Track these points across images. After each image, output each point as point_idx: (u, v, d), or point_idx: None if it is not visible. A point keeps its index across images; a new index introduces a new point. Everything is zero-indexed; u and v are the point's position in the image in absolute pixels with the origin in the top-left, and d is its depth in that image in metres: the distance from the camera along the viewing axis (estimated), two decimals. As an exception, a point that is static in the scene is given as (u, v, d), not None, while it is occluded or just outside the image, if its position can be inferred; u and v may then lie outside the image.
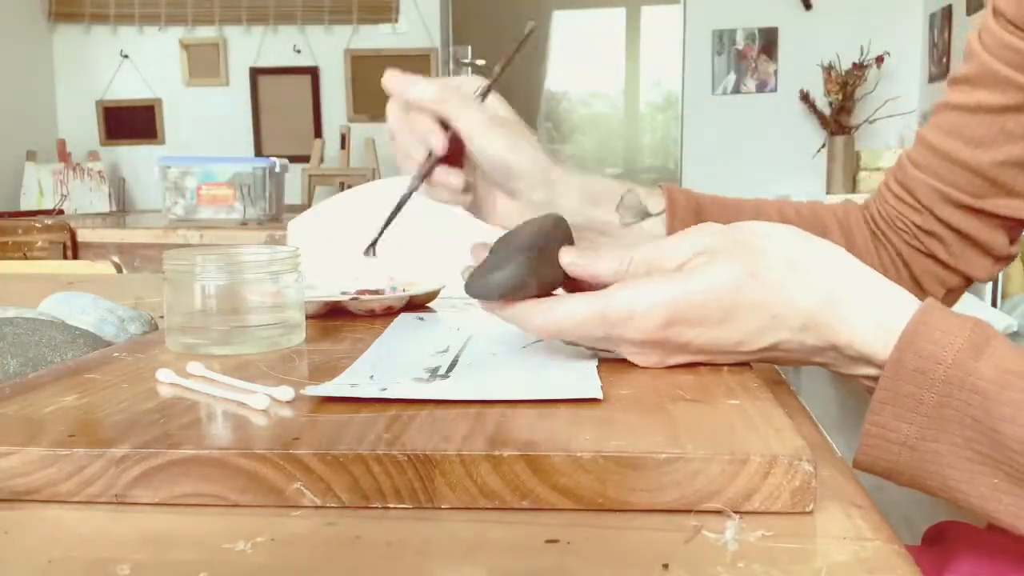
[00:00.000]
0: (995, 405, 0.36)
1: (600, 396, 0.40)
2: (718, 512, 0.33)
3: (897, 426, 0.38)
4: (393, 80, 0.58)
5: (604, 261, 0.47)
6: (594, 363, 0.47)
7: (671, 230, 0.63)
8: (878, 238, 0.69)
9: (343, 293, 0.69)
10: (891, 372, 0.39)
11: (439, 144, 0.56)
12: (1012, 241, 0.67)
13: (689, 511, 0.33)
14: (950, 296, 0.70)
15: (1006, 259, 0.68)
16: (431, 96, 0.57)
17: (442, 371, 0.47)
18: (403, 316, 0.65)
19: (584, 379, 0.43)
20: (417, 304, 0.70)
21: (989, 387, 0.37)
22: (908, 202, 0.67)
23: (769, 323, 0.43)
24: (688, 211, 0.65)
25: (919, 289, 0.68)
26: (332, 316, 0.66)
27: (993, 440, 0.36)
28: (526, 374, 0.46)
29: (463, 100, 0.58)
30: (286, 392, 0.42)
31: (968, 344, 0.38)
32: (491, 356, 0.50)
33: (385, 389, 0.42)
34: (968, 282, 0.69)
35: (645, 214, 0.63)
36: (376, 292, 0.70)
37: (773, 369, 0.57)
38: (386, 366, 0.48)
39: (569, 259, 0.47)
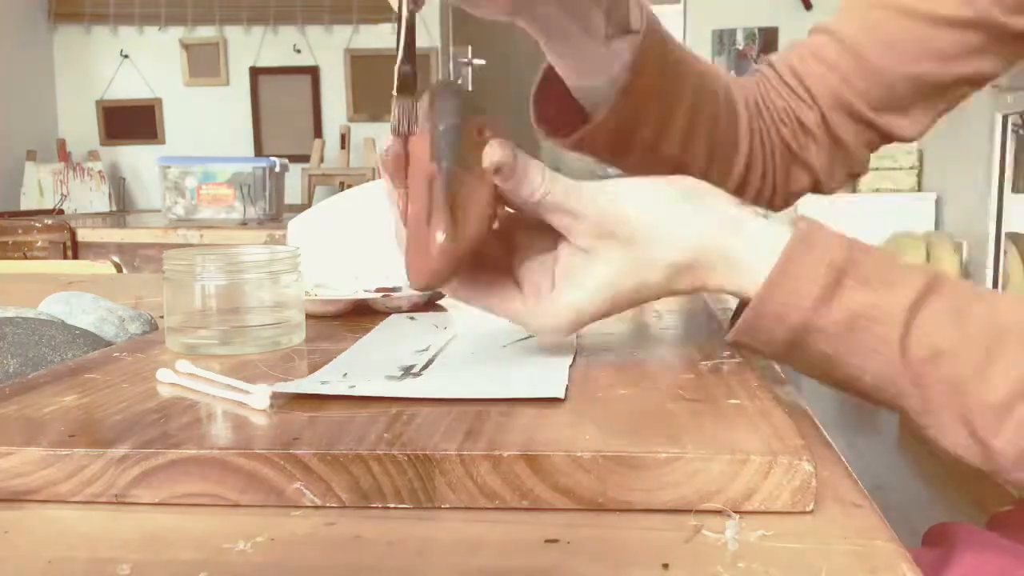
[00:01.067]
0: (844, 348, 0.41)
1: (561, 395, 0.40)
2: (718, 512, 0.33)
3: (758, 348, 0.44)
4: None
5: (528, 183, 0.43)
6: (567, 361, 0.47)
7: (633, 74, 0.54)
8: (761, 121, 0.66)
9: (365, 291, 0.69)
10: (750, 314, 0.42)
11: None
12: (866, 159, 0.67)
13: (689, 511, 0.33)
14: (793, 198, 0.69)
15: (858, 176, 0.69)
16: None
17: (416, 369, 0.47)
18: (394, 316, 0.65)
19: (550, 378, 0.43)
20: (437, 300, 0.70)
21: (838, 330, 0.41)
22: (802, 97, 0.64)
23: (639, 285, 0.44)
24: (653, 68, 0.56)
25: (773, 183, 0.67)
26: (348, 315, 0.67)
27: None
28: (497, 372, 0.46)
29: None
30: (261, 396, 0.41)
31: (822, 292, 0.41)
32: (469, 355, 0.50)
33: (354, 387, 0.42)
34: (815, 189, 0.68)
35: (627, 30, 0.55)
36: (394, 289, 0.70)
37: (773, 369, 0.58)
38: (362, 364, 0.48)
39: (500, 176, 0.43)
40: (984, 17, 0.58)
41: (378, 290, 0.69)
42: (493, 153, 0.42)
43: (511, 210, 0.46)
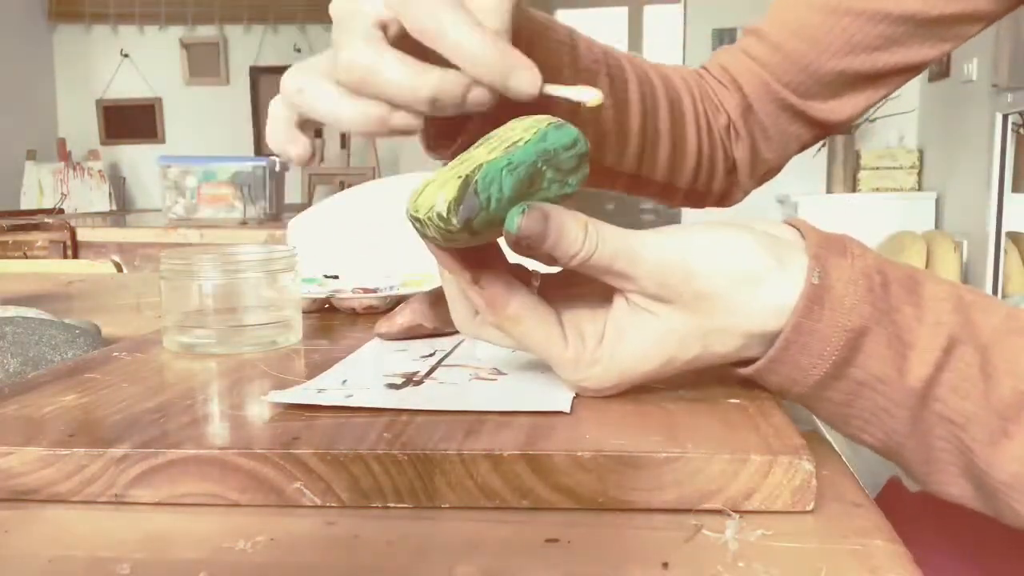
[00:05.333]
0: (849, 412, 0.39)
1: (567, 409, 0.39)
2: (718, 511, 0.33)
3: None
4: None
5: (565, 246, 0.36)
6: None
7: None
8: (703, 116, 0.65)
9: (336, 292, 0.69)
10: (753, 373, 0.39)
11: None
12: (790, 155, 0.67)
13: (689, 510, 0.33)
14: (711, 199, 0.69)
15: (770, 176, 0.69)
16: None
17: (419, 376, 0.46)
18: None
19: (556, 390, 0.42)
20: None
21: (844, 398, 0.38)
22: (727, 86, 0.65)
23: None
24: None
25: (711, 173, 0.66)
26: (352, 314, 0.67)
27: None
28: (501, 382, 0.45)
29: None
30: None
31: (832, 367, 0.37)
32: (474, 360, 0.49)
33: (351, 396, 0.41)
34: (729, 188, 0.68)
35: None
36: (374, 290, 0.70)
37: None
38: (362, 370, 0.47)
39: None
40: (905, 8, 0.59)
41: (358, 290, 0.69)
42: (512, 222, 0.35)
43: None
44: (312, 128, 0.42)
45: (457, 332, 0.48)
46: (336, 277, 0.73)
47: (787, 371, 0.38)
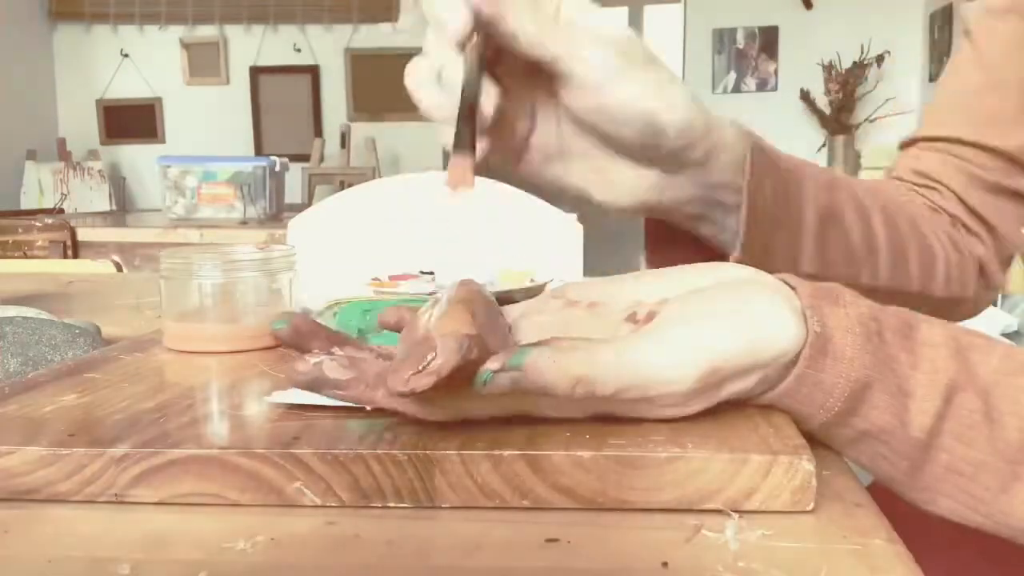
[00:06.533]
0: (850, 454, 0.39)
1: None
2: (718, 511, 0.33)
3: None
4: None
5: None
6: None
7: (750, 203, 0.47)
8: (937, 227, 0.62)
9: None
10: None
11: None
12: (1019, 242, 0.64)
13: (689, 510, 0.33)
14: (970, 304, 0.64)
15: (1012, 260, 0.65)
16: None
17: None
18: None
19: None
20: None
21: (844, 444, 0.38)
22: (938, 189, 0.62)
23: None
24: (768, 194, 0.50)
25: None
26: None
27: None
28: None
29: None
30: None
31: (834, 416, 0.37)
32: None
33: None
34: (986, 289, 0.64)
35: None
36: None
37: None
38: None
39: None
40: None
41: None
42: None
43: None
44: None
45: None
46: (431, 273, 0.72)
47: (792, 409, 0.38)
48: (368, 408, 0.38)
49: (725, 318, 0.35)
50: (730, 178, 0.46)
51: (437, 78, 0.41)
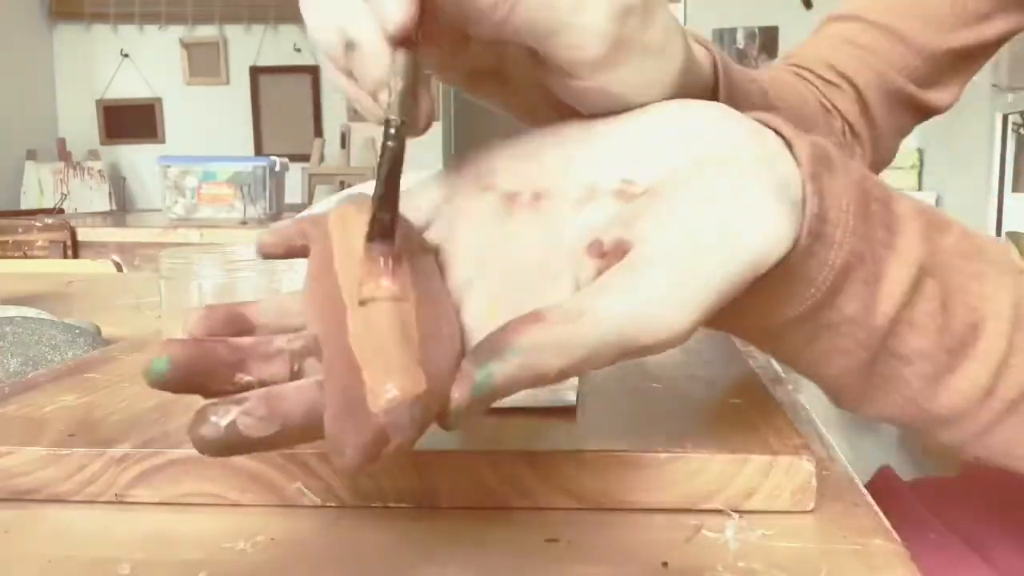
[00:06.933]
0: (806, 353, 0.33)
1: (574, 402, 0.39)
2: (718, 511, 0.33)
3: None
4: None
5: None
6: None
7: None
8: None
9: None
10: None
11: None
12: (896, 149, 0.64)
13: (689, 510, 0.33)
14: None
15: (883, 168, 0.64)
16: None
17: None
18: None
19: (562, 385, 0.41)
20: None
21: (804, 340, 0.32)
22: (837, 85, 0.60)
23: None
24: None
25: None
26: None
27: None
28: None
29: None
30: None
31: (808, 309, 0.31)
32: None
33: None
34: None
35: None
36: None
37: (773, 368, 0.57)
38: None
39: None
40: None
41: None
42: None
43: None
44: None
45: None
46: None
47: (752, 313, 0.32)
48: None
49: (720, 246, 0.28)
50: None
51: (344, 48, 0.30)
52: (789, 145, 0.31)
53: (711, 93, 0.42)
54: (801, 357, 0.33)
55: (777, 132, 0.31)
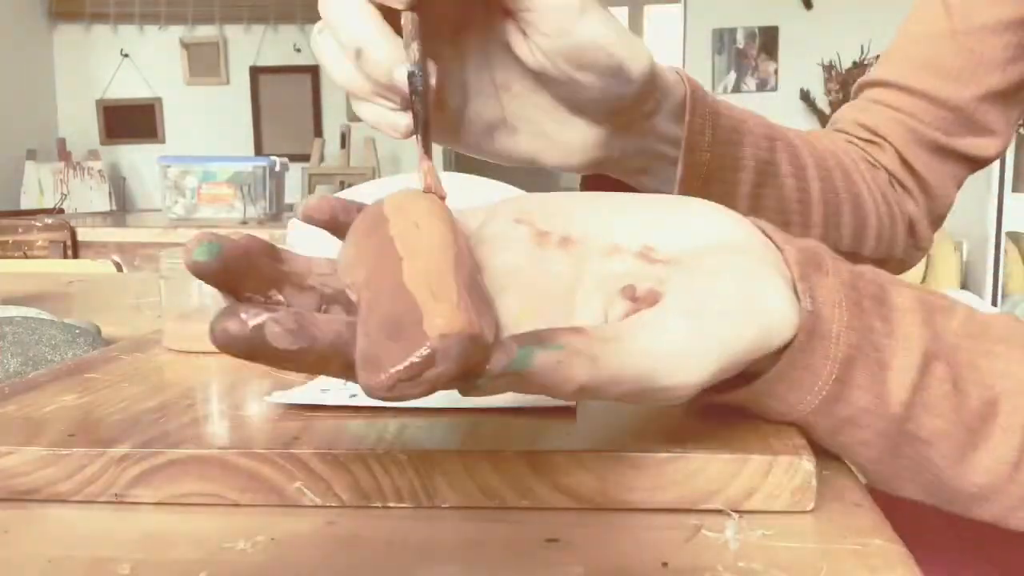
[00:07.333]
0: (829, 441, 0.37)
1: (572, 403, 0.39)
2: (718, 511, 0.33)
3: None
4: None
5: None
6: None
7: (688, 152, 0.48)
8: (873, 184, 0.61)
9: None
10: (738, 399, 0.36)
11: None
12: (952, 198, 0.64)
13: (689, 510, 0.33)
14: (895, 264, 0.64)
15: (943, 220, 0.65)
16: None
17: None
18: None
19: None
20: None
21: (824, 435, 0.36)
22: (876, 143, 0.62)
23: None
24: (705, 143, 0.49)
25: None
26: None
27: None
28: None
29: None
30: None
31: (821, 403, 0.35)
32: None
33: (355, 396, 0.41)
34: (915, 247, 0.64)
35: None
36: None
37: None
38: None
39: None
40: (1019, 11, 0.57)
41: None
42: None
43: None
44: None
45: None
46: None
47: (774, 404, 0.35)
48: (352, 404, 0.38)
49: (738, 311, 0.31)
50: (672, 129, 0.47)
51: (355, 56, 0.38)
52: (779, 248, 0.35)
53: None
54: (832, 446, 0.37)
55: (769, 238, 0.35)
